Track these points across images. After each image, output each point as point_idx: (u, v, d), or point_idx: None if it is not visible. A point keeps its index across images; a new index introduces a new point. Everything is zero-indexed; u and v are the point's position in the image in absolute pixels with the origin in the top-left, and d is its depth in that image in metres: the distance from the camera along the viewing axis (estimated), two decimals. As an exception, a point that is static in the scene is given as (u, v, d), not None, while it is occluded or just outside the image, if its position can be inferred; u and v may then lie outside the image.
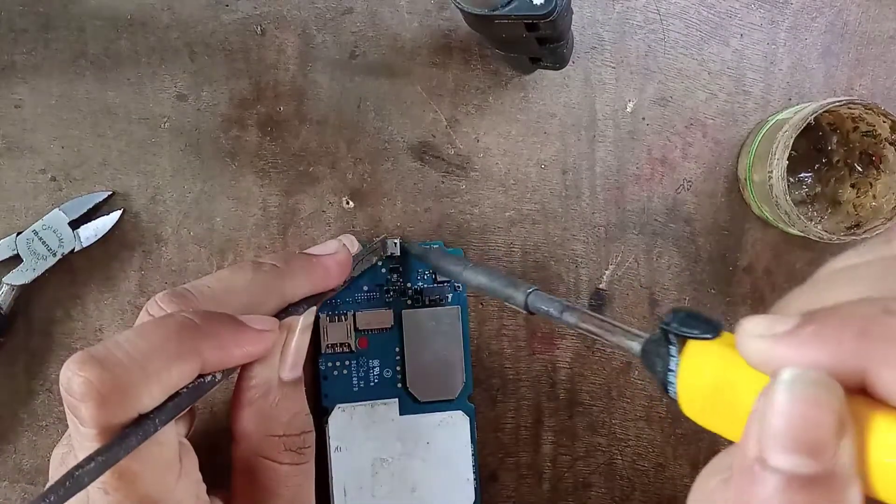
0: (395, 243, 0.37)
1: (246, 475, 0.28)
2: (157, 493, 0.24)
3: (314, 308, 0.31)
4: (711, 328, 0.21)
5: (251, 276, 0.30)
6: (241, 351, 0.27)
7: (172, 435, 0.25)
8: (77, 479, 0.22)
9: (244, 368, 0.29)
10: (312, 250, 0.34)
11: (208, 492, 0.28)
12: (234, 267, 0.31)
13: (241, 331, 0.27)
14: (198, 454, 0.28)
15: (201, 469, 0.28)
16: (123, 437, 0.23)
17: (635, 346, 0.24)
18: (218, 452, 0.30)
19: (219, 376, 0.26)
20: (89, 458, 0.22)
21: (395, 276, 0.38)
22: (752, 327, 0.18)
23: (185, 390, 0.25)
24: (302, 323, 0.29)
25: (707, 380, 0.20)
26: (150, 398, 0.24)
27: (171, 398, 0.25)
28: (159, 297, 0.27)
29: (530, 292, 0.30)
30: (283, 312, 0.30)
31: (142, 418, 0.24)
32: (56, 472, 0.28)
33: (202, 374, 0.26)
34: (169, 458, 0.25)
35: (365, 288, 0.38)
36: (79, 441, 0.23)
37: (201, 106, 0.38)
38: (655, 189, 0.40)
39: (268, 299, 0.29)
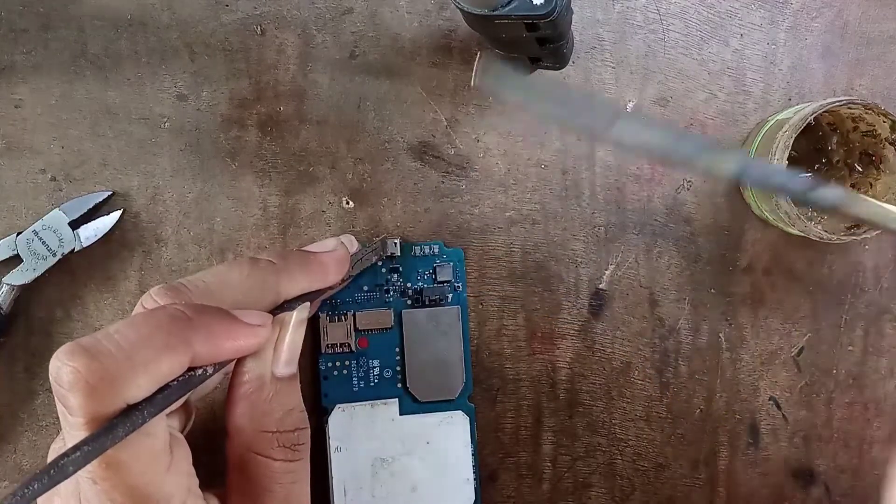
0: (395, 243, 0.37)
1: (239, 471, 0.28)
2: (145, 484, 0.24)
3: (308, 304, 0.31)
4: None
5: (247, 271, 0.29)
6: (232, 344, 0.26)
7: (162, 427, 0.25)
8: (62, 467, 0.22)
9: (238, 363, 0.29)
10: (310, 247, 0.33)
11: (205, 489, 0.28)
12: (231, 262, 0.30)
13: (233, 324, 0.27)
14: (197, 453, 0.28)
15: (201, 468, 0.28)
16: (110, 427, 0.23)
17: None
18: (219, 452, 0.30)
19: (210, 370, 0.26)
20: (75, 448, 0.22)
21: (395, 276, 0.38)
22: None
23: (175, 383, 0.25)
24: (295, 318, 0.29)
25: None
26: (139, 389, 0.24)
27: (160, 390, 0.25)
28: (154, 290, 0.27)
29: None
30: (279, 309, 0.30)
31: (130, 409, 0.24)
32: None
33: (193, 367, 0.26)
34: (158, 449, 0.25)
35: (365, 288, 0.38)
36: (68, 431, 0.24)
37: (201, 106, 0.38)
38: (655, 189, 0.40)
39: (263, 295, 0.29)
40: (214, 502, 0.28)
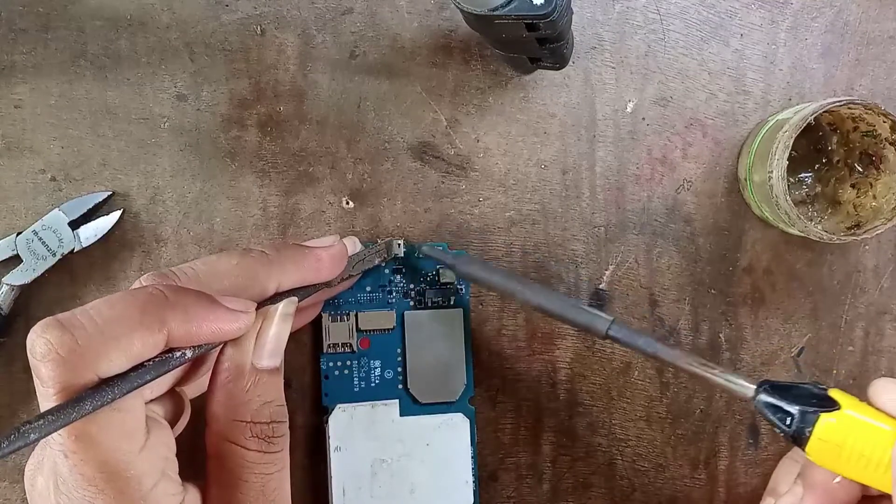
0: (400, 244, 0.37)
1: (216, 460, 0.28)
2: (115, 460, 0.24)
3: (296, 298, 0.30)
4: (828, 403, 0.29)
5: (237, 260, 0.29)
6: (209, 326, 0.26)
7: (138, 406, 0.25)
8: (23, 433, 0.22)
9: (221, 352, 0.28)
10: (308, 243, 0.33)
11: (191, 480, 0.28)
12: (223, 252, 0.30)
13: (212, 307, 0.27)
14: (195, 453, 0.28)
15: (197, 466, 0.28)
16: (78, 399, 0.23)
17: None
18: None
19: (189, 353, 0.26)
20: (39, 416, 0.22)
21: (398, 277, 0.38)
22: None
23: (150, 362, 0.25)
24: (281, 310, 0.29)
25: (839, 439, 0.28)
26: (111, 363, 0.24)
27: (135, 368, 0.25)
28: (144, 277, 0.28)
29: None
30: (269, 301, 0.29)
31: (102, 384, 0.24)
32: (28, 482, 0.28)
33: (172, 349, 0.26)
34: (131, 427, 0.25)
35: (368, 288, 0.38)
36: (40, 402, 0.24)
37: (201, 106, 0.38)
38: (655, 189, 0.40)
39: (252, 285, 0.29)
40: (193, 491, 0.28)
